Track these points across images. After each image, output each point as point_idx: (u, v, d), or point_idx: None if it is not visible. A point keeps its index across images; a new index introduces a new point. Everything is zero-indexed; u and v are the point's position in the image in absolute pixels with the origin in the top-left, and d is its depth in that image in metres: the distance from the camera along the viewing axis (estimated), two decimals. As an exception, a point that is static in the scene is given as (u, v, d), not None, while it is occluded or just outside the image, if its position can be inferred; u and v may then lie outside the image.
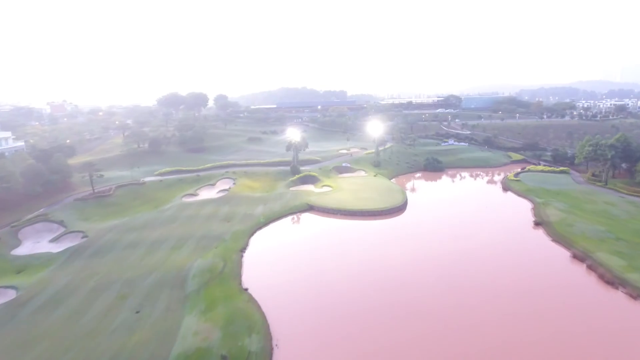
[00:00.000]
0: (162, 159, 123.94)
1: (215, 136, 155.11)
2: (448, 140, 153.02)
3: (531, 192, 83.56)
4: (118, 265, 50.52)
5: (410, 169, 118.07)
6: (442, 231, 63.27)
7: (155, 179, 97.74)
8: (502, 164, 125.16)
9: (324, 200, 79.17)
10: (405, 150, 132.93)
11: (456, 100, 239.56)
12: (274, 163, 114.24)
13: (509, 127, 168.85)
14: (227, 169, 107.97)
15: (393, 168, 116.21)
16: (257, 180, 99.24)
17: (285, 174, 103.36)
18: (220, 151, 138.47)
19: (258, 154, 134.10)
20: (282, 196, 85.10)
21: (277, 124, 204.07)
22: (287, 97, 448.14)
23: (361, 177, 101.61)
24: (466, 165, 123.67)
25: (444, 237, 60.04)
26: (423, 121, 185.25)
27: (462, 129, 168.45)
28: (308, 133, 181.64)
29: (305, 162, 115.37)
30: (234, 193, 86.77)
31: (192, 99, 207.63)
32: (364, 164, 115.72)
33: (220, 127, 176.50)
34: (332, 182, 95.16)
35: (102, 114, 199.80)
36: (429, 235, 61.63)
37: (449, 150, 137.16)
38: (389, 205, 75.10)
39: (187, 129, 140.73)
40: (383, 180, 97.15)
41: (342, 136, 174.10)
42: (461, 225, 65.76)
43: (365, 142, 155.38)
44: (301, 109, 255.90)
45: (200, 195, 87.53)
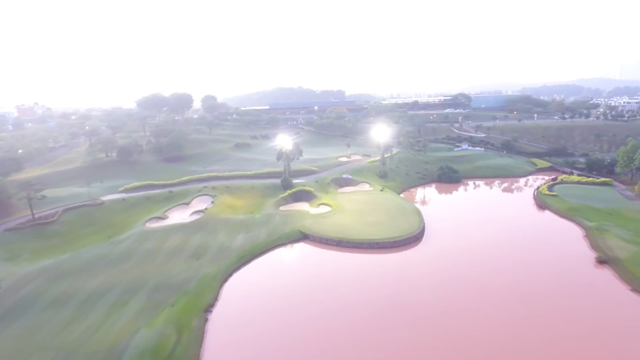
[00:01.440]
0: (132, 170, 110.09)
1: (197, 142, 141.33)
2: (461, 145, 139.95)
3: (576, 211, 70.26)
4: (26, 340, 36.52)
5: (422, 180, 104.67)
6: (476, 274, 49.76)
7: (118, 196, 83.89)
8: (527, 172, 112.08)
9: (322, 226, 65.54)
10: (415, 158, 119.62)
11: (465, 100, 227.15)
12: (262, 175, 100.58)
13: (528, 128, 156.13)
14: (206, 182, 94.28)
15: (402, 179, 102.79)
16: (240, 198, 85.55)
17: (275, 189, 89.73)
18: (202, 160, 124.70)
19: (245, 163, 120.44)
20: (269, 219, 71.45)
21: (269, 127, 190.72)
22: (282, 97, 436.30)
23: (365, 192, 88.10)
24: (485, 174, 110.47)
25: (480, 284, 46.54)
26: (431, 123, 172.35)
27: (476, 132, 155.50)
28: (303, 137, 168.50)
29: (299, 173, 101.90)
30: (211, 215, 73.01)
31: (175, 101, 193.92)
32: (367, 175, 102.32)
33: (205, 131, 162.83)
34: (331, 200, 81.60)
35: (74, 118, 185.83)
36: (459, 280, 48.10)
37: (464, 157, 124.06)
38: (403, 232, 61.54)
39: (163, 135, 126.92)
40: (392, 196, 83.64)
41: (342, 141, 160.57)
42: (498, 264, 52.28)
43: (367, 148, 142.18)
44: (296, 110, 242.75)
45: (169, 219, 73.73)
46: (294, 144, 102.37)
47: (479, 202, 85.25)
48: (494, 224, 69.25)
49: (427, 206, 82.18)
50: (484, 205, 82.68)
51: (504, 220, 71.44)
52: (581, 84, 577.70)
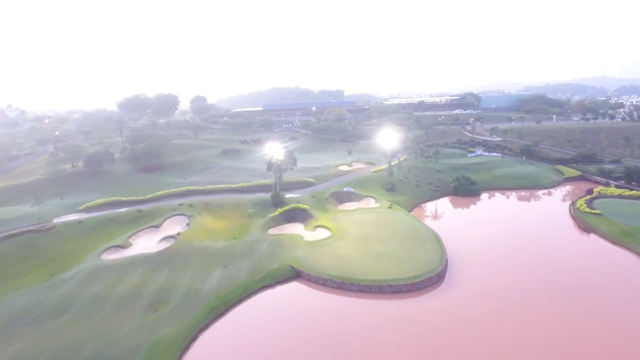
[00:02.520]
0: (101, 183, 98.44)
1: (179, 149, 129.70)
2: (475, 150, 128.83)
3: (631, 237, 58.96)
4: None
5: (435, 193, 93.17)
6: (522, 331, 38.20)
7: (75, 218, 72.19)
8: (554, 182, 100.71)
9: (319, 259, 53.93)
10: (425, 166, 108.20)
11: (474, 99, 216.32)
12: (250, 188, 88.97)
13: (548, 131, 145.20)
14: (183, 198, 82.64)
15: (412, 192, 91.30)
16: (222, 218, 73.91)
17: (264, 206, 78.17)
18: (183, 170, 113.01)
19: (232, 173, 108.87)
20: (254, 248, 59.86)
21: (262, 130, 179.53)
22: (279, 97, 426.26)
23: (371, 209, 76.51)
24: (507, 185, 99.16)
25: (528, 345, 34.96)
26: (440, 125, 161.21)
27: (491, 135, 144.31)
28: (299, 142, 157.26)
29: (292, 185, 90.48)
30: (184, 242, 61.33)
31: (159, 102, 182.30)
32: (372, 188, 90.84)
33: (190, 136, 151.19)
34: (331, 220, 69.99)
35: (48, 122, 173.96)
36: (499, 340, 36.58)
37: (480, 165, 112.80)
38: (421, 269, 49.95)
39: (141, 141, 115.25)
40: (403, 216, 72.08)
41: (342, 146, 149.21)
42: (551, 317, 40.75)
43: (370, 154, 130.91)
44: (292, 111, 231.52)
45: (132, 247, 62.03)
46: (287, 153, 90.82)
47: (506, 222, 73.59)
48: (531, 253, 57.77)
49: (445, 227, 70.42)
50: (512, 227, 71.04)
51: (541, 247, 59.94)
52: (583, 82, 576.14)
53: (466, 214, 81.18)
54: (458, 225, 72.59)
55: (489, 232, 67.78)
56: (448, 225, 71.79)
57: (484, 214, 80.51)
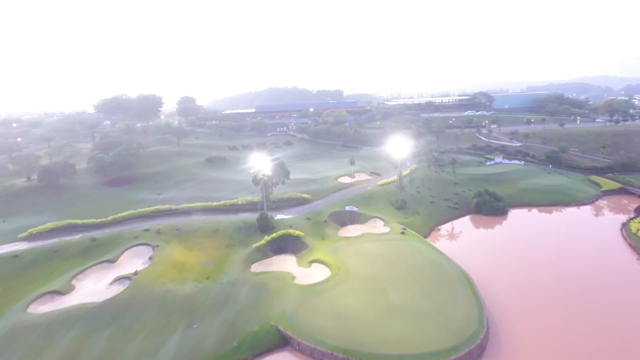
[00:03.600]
0: (58, 200, 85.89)
1: (158, 157, 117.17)
2: (494, 157, 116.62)
3: None
4: None
5: (453, 212, 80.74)
6: None
7: (10, 250, 59.60)
8: (591, 197, 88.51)
9: (314, 315, 41.48)
10: (439, 177, 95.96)
11: (486, 100, 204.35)
12: (233, 207, 76.46)
13: (573, 135, 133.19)
14: (151, 221, 70.21)
15: (427, 211, 78.86)
16: (196, 247, 61.39)
17: (248, 231, 65.83)
18: (159, 182, 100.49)
19: (215, 186, 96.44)
20: (231, 295, 47.43)
21: (254, 134, 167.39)
22: (275, 97, 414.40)
23: (380, 236, 63.98)
24: (537, 200, 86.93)
25: None
26: (452, 128, 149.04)
27: (510, 140, 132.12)
28: (294, 148, 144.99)
29: (284, 203, 78.21)
30: (140, 287, 48.79)
31: (139, 104, 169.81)
32: (380, 206, 78.45)
33: (172, 141, 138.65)
34: (330, 252, 57.55)
35: (16, 126, 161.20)
36: None
37: (502, 175, 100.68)
38: (454, 334, 37.51)
39: (112, 148, 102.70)
40: (420, 246, 59.59)
41: (342, 152, 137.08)
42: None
43: (375, 162, 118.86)
44: (287, 113, 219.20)
45: (73, 293, 49.52)
46: (277, 165, 78.32)
47: (548, 252, 61.07)
48: (593, 298, 45.49)
49: (473, 261, 57.91)
50: (557, 257, 58.62)
51: (601, 289, 47.70)
52: (585, 81, 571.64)
53: (496, 241, 68.54)
54: (489, 258, 60.01)
55: (529, 268, 55.31)
56: (476, 258, 59.22)
57: (517, 240, 67.83)
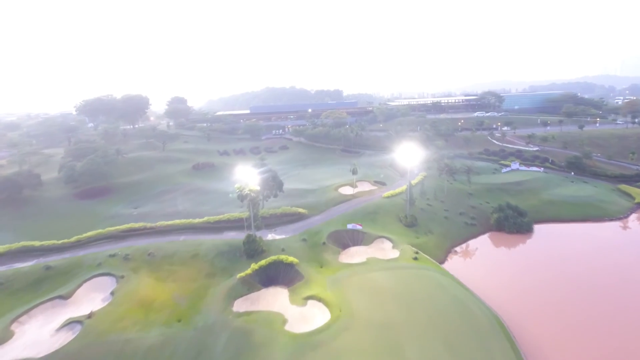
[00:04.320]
0: (18, 216, 76.98)
1: (139, 164, 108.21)
2: (510, 164, 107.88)
3: None
4: None
5: (471, 229, 71.96)
6: None
7: (-56, 283, 50.40)
8: (626, 210, 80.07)
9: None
10: (452, 187, 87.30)
11: (496, 100, 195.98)
12: (217, 225, 67.78)
13: (594, 138, 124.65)
14: (120, 243, 61.50)
15: (441, 229, 70.00)
16: (169, 278, 52.58)
17: (233, 257, 57.10)
18: (138, 193, 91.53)
19: (200, 198, 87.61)
20: (204, 346, 38.68)
21: (247, 137, 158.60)
22: (273, 98, 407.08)
23: (388, 263, 55.12)
24: (564, 215, 78.33)
25: None
26: (461, 131, 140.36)
27: (527, 144, 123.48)
28: (290, 153, 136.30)
29: (277, 220, 69.55)
30: (93, 335, 39.97)
31: (124, 105, 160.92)
32: (386, 222, 69.67)
33: (157, 146, 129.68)
34: (330, 285, 48.78)
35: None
36: None
37: (521, 184, 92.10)
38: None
39: (85, 155, 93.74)
40: (438, 277, 50.72)
41: (342, 158, 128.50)
42: None
43: (378, 169, 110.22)
44: (284, 114, 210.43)
45: (10, 343, 40.76)
46: (266, 180, 69.46)
47: (592, 280, 52.31)
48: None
49: (504, 295, 49.05)
50: (607, 287, 49.78)
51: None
52: (586, 81, 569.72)
53: (526, 267, 59.43)
54: (521, 291, 51.07)
55: (575, 304, 46.46)
56: (507, 291, 50.38)
57: (552, 265, 58.87)
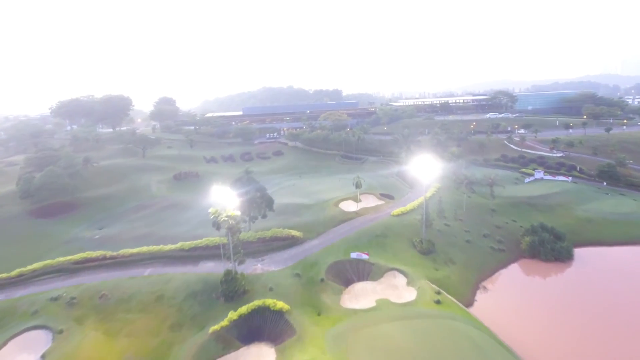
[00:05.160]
0: (-43, 240, 65.92)
1: (112, 174, 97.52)
2: (533, 173, 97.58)
3: None
4: None
5: (498, 256, 61.49)
6: None
7: None
8: (680, 230, 69.18)
9: None
10: (471, 202, 76.97)
11: (508, 100, 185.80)
12: (192, 253, 57.41)
13: (624, 142, 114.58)
14: (71, 278, 51.67)
15: (463, 256, 59.41)
16: (121, 332, 42.28)
17: (208, 297, 47.15)
18: (107, 210, 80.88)
19: (177, 215, 77.04)
20: None
21: (239, 142, 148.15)
22: (270, 98, 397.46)
23: (404, 308, 44.62)
24: (608, 236, 68.10)
25: None
26: (474, 134, 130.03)
27: (551, 150, 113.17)
28: (285, 159, 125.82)
29: (264, 245, 59.22)
30: None
31: (102, 107, 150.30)
32: (398, 249, 59.19)
33: (136, 153, 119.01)
34: (329, 346, 38.38)
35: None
36: None
37: (550, 198, 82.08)
38: None
39: (48, 164, 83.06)
40: (469, 330, 40.23)
41: (343, 165, 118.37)
42: None
43: (384, 177, 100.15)
44: (280, 116, 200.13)
45: None
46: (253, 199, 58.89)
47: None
48: None
49: (554, 354, 38.43)
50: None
51: None
52: (588, 80, 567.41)
53: (573, 308, 48.78)
54: (575, 345, 40.38)
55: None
56: (554, 344, 39.70)
57: (601, 304, 48.36)
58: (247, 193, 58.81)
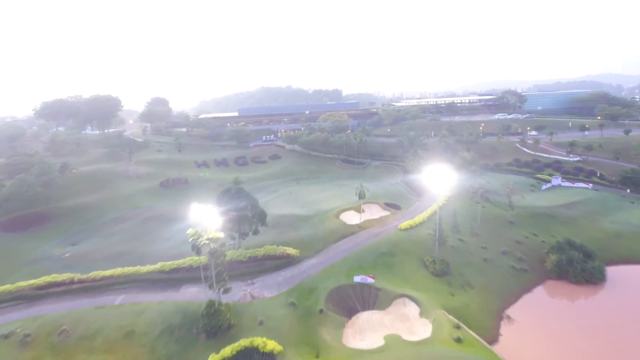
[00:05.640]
0: None
1: (93, 182, 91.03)
2: (550, 179, 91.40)
3: None
4: None
5: (521, 277, 55.15)
6: None
7: None
8: None
9: None
10: (487, 212, 70.43)
11: (517, 99, 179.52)
12: (173, 276, 51.05)
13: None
14: (28, 309, 45.33)
15: (482, 279, 52.98)
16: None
17: (187, 333, 40.52)
18: (83, 222, 74.39)
19: (161, 229, 70.65)
20: None
21: (233, 144, 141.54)
22: (268, 98, 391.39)
23: (418, 347, 38.28)
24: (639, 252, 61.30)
25: None
26: (483, 137, 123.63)
27: (568, 153, 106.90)
28: (281, 164, 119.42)
29: (254, 266, 53.04)
30: None
31: (88, 108, 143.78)
32: (408, 270, 52.81)
33: (122, 157, 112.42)
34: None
35: None
36: None
37: (572, 207, 75.95)
38: None
39: (20, 172, 76.46)
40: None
41: (343, 169, 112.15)
42: None
43: (388, 183, 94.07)
44: (278, 117, 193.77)
45: None
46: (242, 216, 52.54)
47: None
48: None
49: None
50: None
51: None
52: (589, 80, 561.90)
53: (614, 346, 42.35)
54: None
55: None
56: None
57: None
58: (236, 207, 52.43)
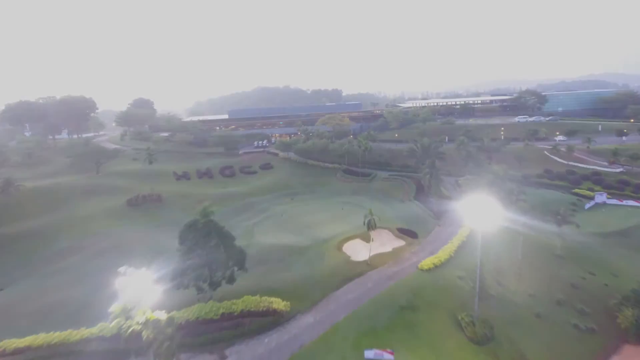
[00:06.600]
0: None
1: (45, 200, 78.23)
2: (593, 195, 78.79)
3: None
4: None
5: (587, 342, 42.54)
6: None
7: None
8: None
9: None
10: (530, 243, 57.47)
11: (537, 100, 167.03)
12: (117, 346, 37.66)
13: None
14: None
15: (537, 346, 40.13)
16: None
17: None
18: (23, 254, 61.67)
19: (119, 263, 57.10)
20: None
21: (221, 152, 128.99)
22: (266, 98, 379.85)
23: None
24: None
25: None
26: (508, 143, 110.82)
27: (610, 164, 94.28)
28: (273, 175, 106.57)
29: (228, 330, 39.72)
30: None
31: (57, 110, 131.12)
32: (435, 332, 40.17)
33: (90, 169, 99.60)
34: None
35: None
36: None
37: (631, 235, 62.95)
38: None
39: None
40: None
41: (346, 183, 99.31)
42: None
43: (399, 201, 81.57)
44: (272, 120, 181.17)
45: None
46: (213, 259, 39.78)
47: None
48: None
49: None
50: None
51: None
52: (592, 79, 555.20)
53: None
54: None
55: None
56: None
57: None
58: (204, 247, 39.70)
